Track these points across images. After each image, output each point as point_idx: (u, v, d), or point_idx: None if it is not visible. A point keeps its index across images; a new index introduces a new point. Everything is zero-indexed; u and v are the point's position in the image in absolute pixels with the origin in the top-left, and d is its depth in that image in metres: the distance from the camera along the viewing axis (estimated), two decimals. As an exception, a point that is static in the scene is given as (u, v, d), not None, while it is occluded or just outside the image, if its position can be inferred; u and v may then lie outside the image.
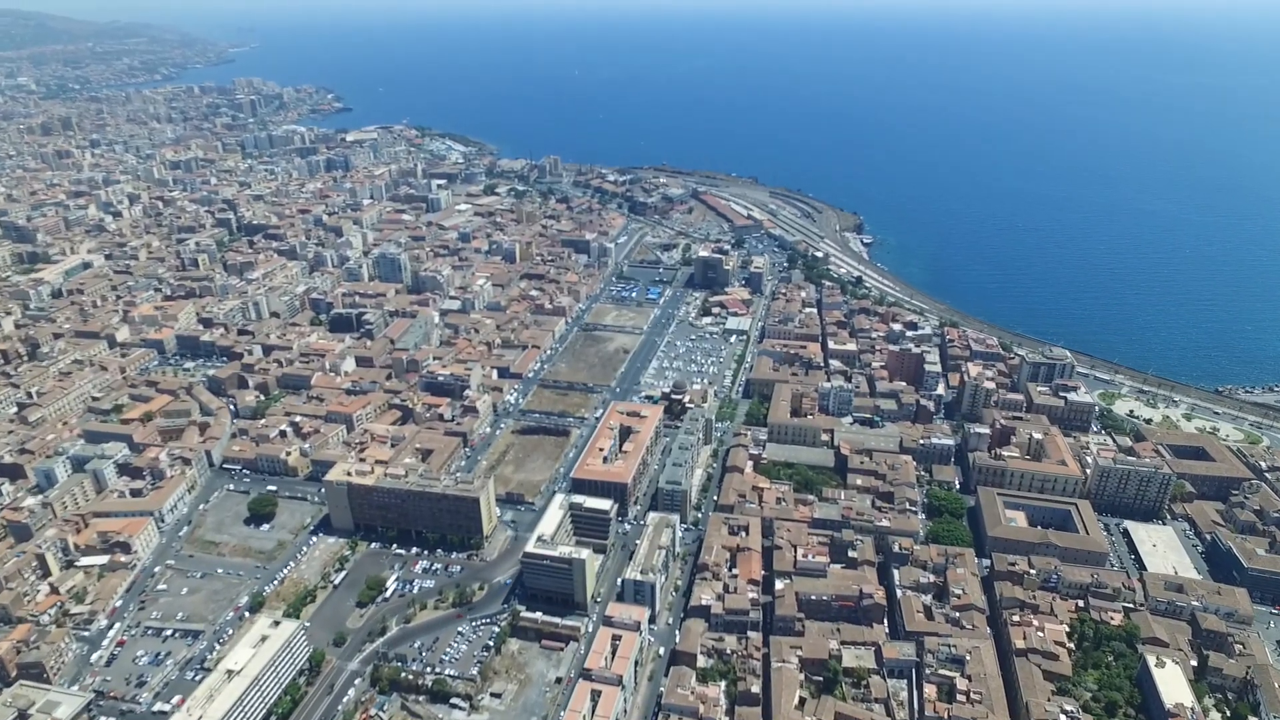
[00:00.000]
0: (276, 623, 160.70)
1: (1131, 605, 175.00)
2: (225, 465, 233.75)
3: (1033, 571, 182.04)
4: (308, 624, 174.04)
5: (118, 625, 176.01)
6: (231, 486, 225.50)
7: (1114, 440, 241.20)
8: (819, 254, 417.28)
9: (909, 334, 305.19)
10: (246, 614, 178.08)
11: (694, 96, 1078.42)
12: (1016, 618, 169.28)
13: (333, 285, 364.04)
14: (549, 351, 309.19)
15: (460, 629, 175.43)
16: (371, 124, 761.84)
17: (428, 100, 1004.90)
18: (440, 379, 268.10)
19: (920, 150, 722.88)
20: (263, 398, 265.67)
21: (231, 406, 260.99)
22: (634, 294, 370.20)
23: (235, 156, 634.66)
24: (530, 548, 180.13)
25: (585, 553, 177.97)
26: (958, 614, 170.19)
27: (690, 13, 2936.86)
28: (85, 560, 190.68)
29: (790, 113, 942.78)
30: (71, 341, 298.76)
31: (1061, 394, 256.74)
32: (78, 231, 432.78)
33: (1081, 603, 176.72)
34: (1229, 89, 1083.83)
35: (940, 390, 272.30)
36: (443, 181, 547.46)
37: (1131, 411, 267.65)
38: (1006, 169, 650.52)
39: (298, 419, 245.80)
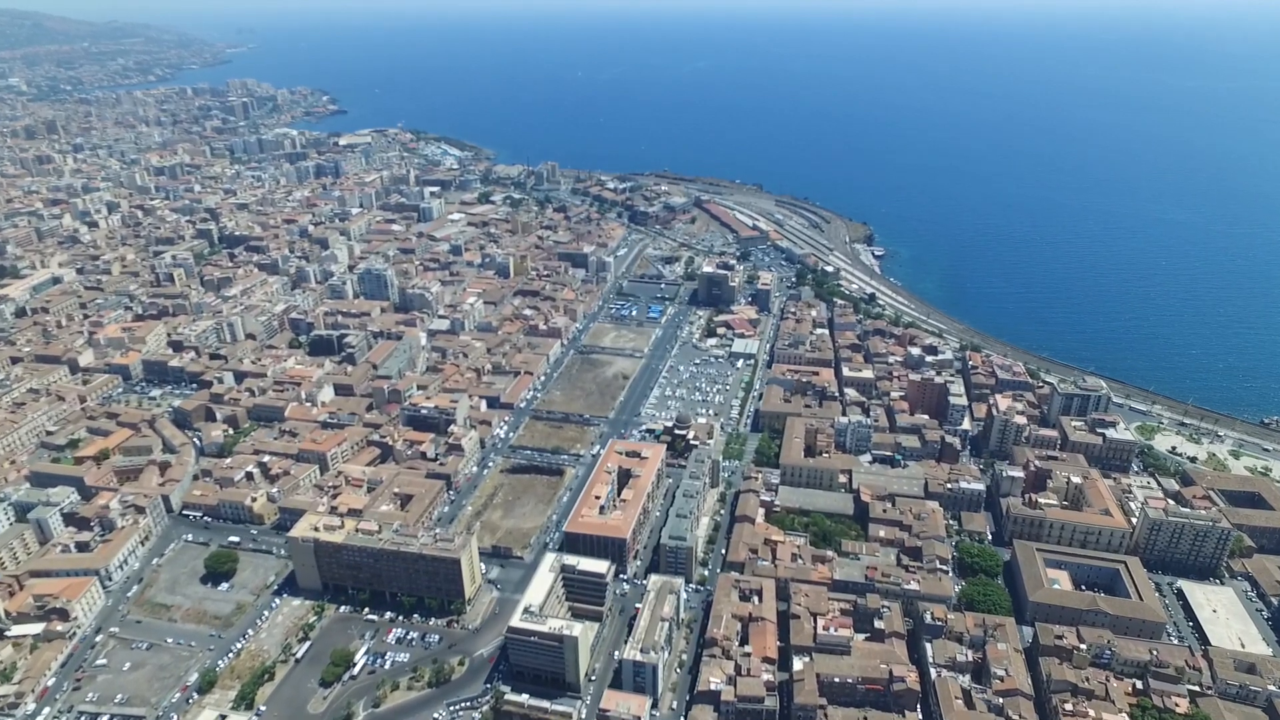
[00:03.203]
0: (223, 717, 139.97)
1: (1197, 688, 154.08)
2: (185, 512, 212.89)
3: (1083, 646, 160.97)
4: (263, 708, 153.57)
5: (47, 710, 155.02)
6: (190, 537, 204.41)
7: (1159, 483, 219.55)
8: (829, 268, 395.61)
9: (929, 359, 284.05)
10: (195, 695, 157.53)
11: (697, 99, 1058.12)
12: (1069, 705, 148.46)
13: (314, 303, 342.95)
14: (543, 378, 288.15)
15: (435, 715, 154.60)
16: (366, 127, 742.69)
17: (424, 102, 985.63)
18: (424, 412, 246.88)
19: (931, 156, 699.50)
20: (231, 432, 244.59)
21: (196, 442, 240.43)
22: (634, 312, 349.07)
23: (223, 161, 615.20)
24: (516, 621, 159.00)
25: (578, 627, 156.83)
26: (1001, 700, 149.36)
27: (693, 13, 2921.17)
28: (17, 629, 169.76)
29: (795, 116, 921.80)
30: (29, 367, 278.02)
31: (1099, 430, 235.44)
32: (50, 243, 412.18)
33: (1139, 683, 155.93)
34: (1248, 92, 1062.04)
35: (966, 424, 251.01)
36: (436, 189, 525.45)
37: (1174, 448, 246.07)
38: (1023, 176, 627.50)
39: (266, 459, 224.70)
